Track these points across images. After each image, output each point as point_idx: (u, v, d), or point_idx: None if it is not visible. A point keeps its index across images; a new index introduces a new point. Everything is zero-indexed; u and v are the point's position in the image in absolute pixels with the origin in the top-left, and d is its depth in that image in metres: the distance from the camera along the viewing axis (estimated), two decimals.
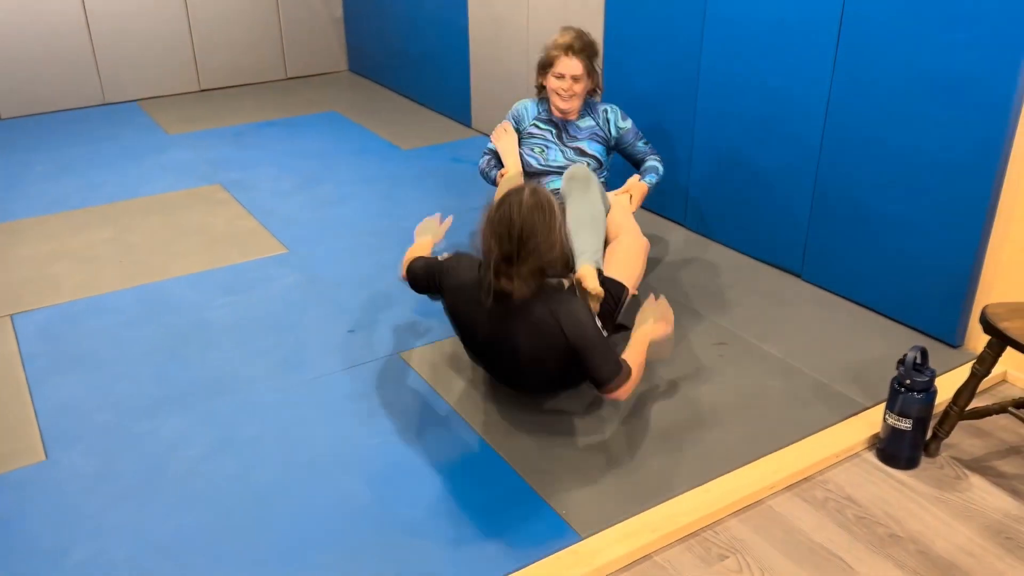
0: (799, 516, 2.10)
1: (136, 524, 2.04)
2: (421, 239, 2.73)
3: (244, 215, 3.82)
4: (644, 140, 3.16)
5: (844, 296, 3.05)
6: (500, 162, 3.15)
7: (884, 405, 2.29)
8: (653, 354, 2.45)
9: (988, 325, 2.16)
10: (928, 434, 2.29)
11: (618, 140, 3.12)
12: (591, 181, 2.75)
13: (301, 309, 3.01)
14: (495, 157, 3.18)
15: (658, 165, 3.11)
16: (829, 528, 2.07)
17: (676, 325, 2.85)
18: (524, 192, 2.19)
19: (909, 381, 2.19)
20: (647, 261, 2.87)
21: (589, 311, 2.29)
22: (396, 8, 5.49)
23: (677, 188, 3.53)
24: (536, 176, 3.07)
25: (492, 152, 3.19)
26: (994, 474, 2.26)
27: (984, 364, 2.20)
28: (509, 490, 2.14)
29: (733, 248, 3.44)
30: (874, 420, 2.39)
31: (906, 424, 2.21)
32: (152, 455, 2.28)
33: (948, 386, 2.40)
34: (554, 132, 3.08)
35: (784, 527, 2.07)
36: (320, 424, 2.40)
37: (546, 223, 2.17)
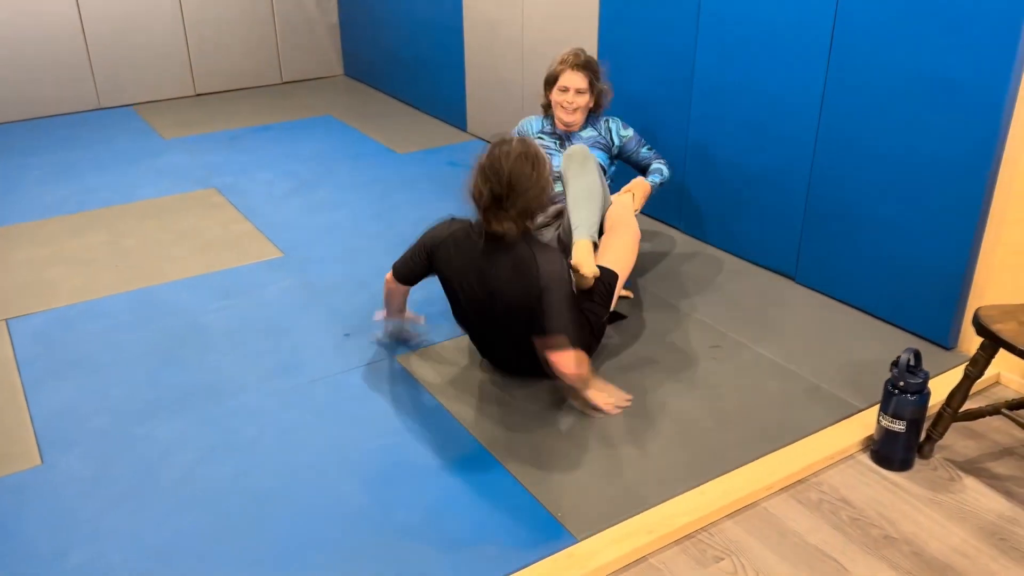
0: (794, 518, 2.11)
1: (133, 528, 2.04)
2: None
3: (240, 219, 3.83)
4: (647, 147, 3.27)
5: (838, 299, 3.06)
6: None
7: (878, 407, 2.30)
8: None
9: (981, 327, 2.17)
10: (922, 436, 2.30)
11: (621, 149, 3.23)
12: (588, 158, 2.80)
13: (297, 313, 3.02)
14: None
15: (663, 167, 3.21)
16: (824, 530, 2.07)
17: (670, 327, 2.88)
18: (513, 142, 2.34)
19: (903, 383, 2.20)
20: (639, 257, 2.95)
21: (569, 276, 2.39)
22: (391, 13, 5.51)
23: (671, 191, 3.54)
24: None
25: None
26: (988, 476, 2.27)
27: (977, 366, 2.21)
28: (505, 493, 2.14)
29: (727, 251, 3.45)
30: (868, 422, 2.40)
31: (900, 426, 2.22)
32: (148, 459, 2.28)
33: (942, 388, 2.42)
34: (557, 143, 3.17)
35: (779, 529, 2.08)
36: (316, 428, 2.40)
37: (533, 169, 2.31)
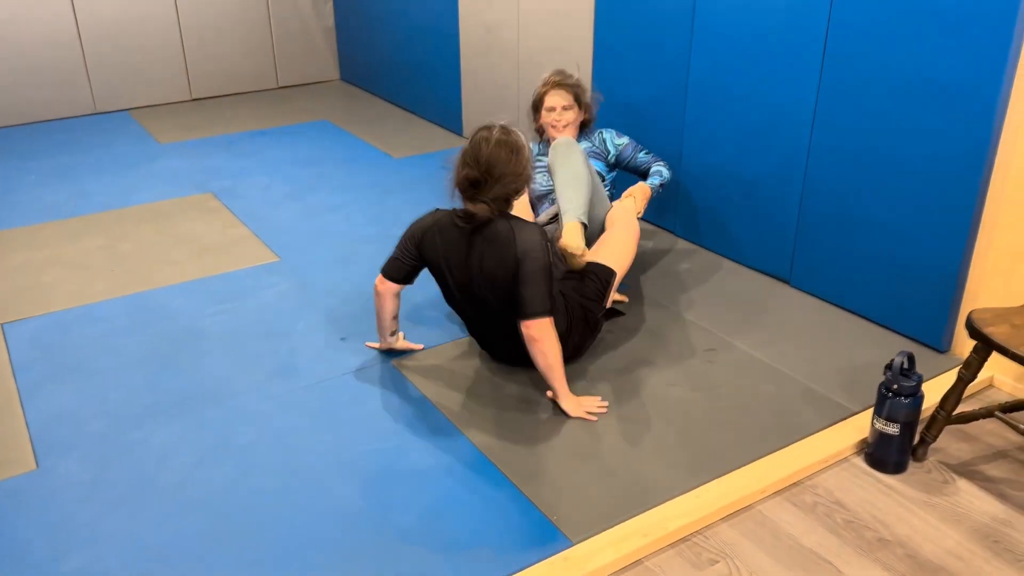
0: (788, 521, 2.12)
1: (130, 532, 2.04)
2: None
3: (236, 223, 3.83)
4: (645, 151, 3.32)
5: (832, 302, 3.07)
6: None
7: (872, 410, 2.31)
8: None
9: (973, 330, 2.18)
10: (916, 439, 2.31)
11: (618, 157, 3.28)
12: (572, 147, 2.85)
13: (293, 317, 3.02)
14: None
15: (662, 169, 3.25)
16: (818, 532, 2.08)
17: (665, 331, 2.89)
18: (494, 129, 2.41)
19: (896, 386, 2.21)
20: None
21: (547, 247, 2.41)
22: (388, 17, 5.52)
23: (667, 194, 3.55)
24: (542, 198, 3.21)
25: None
26: (982, 478, 2.28)
27: (970, 369, 2.23)
28: (501, 496, 2.15)
29: (722, 254, 3.47)
30: (862, 425, 2.41)
31: (894, 429, 2.23)
32: (145, 463, 2.28)
33: (935, 391, 2.42)
34: None
35: (773, 532, 2.09)
36: (313, 431, 2.41)
37: (511, 156, 2.37)
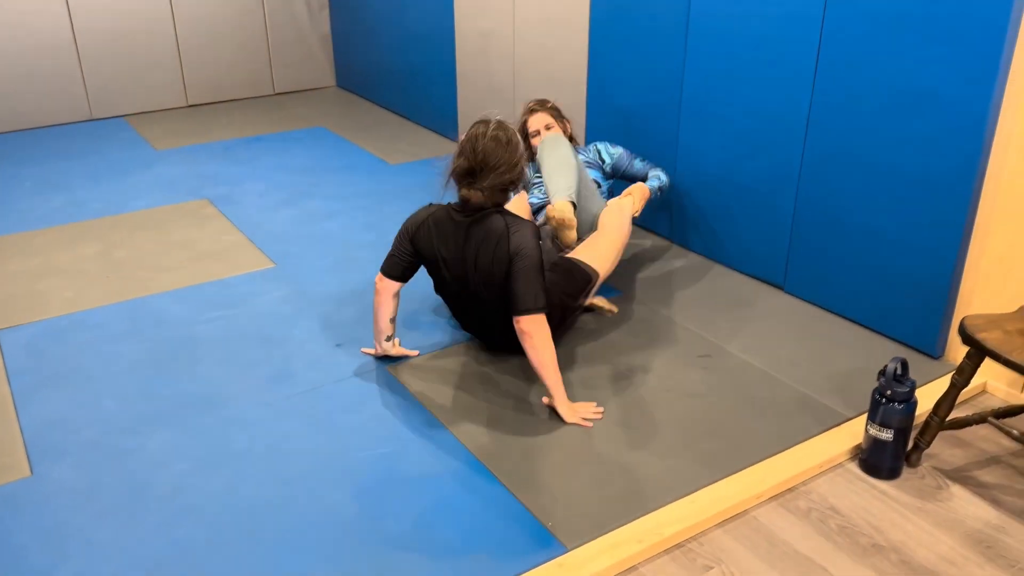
0: (783, 526, 2.12)
1: (124, 540, 2.04)
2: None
3: (231, 230, 3.83)
4: (640, 159, 3.41)
5: (826, 308, 3.08)
6: None
7: (866, 416, 2.31)
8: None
9: (966, 336, 2.19)
10: (909, 444, 2.32)
11: (614, 167, 3.41)
12: (559, 140, 2.99)
13: (288, 323, 3.02)
14: None
15: (660, 174, 3.36)
16: (813, 538, 2.09)
17: (660, 337, 2.90)
18: (491, 123, 2.50)
19: (890, 392, 2.21)
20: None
21: (540, 246, 2.50)
22: (383, 24, 5.53)
23: (661, 201, 3.56)
24: (539, 211, 3.30)
25: None
26: (975, 484, 2.28)
27: (963, 375, 2.23)
28: (495, 502, 2.15)
29: (716, 260, 3.47)
30: (856, 431, 2.41)
31: (887, 435, 2.23)
32: (139, 470, 2.28)
33: (929, 397, 2.43)
34: None
35: (768, 537, 2.09)
36: (308, 437, 2.41)
37: (505, 149, 2.48)
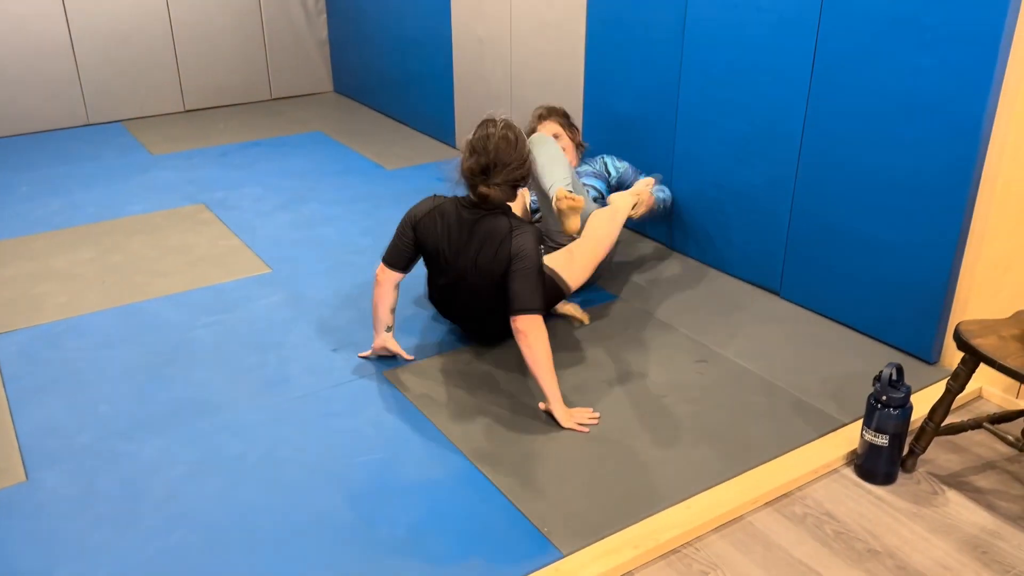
0: (778, 532, 2.12)
1: (119, 545, 2.03)
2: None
3: (228, 235, 3.83)
4: (644, 175, 3.48)
5: (822, 314, 3.09)
6: None
7: (862, 421, 2.32)
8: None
9: (961, 342, 2.19)
10: (905, 450, 2.32)
11: (619, 180, 3.50)
12: (546, 139, 3.07)
13: (285, 328, 3.02)
14: None
15: (666, 188, 3.44)
16: (808, 544, 2.09)
17: (656, 342, 2.90)
18: (499, 123, 2.64)
19: (885, 397, 2.22)
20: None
21: (540, 251, 2.61)
22: (381, 30, 5.54)
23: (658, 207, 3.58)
24: (536, 211, 3.40)
25: None
26: (970, 489, 2.29)
27: (958, 380, 2.24)
28: (491, 508, 2.15)
29: (712, 266, 3.48)
30: (852, 436, 2.42)
31: (883, 440, 2.24)
32: (134, 475, 2.27)
33: (924, 402, 2.44)
34: None
35: (764, 543, 2.09)
36: (303, 443, 2.40)
37: (514, 147, 2.62)
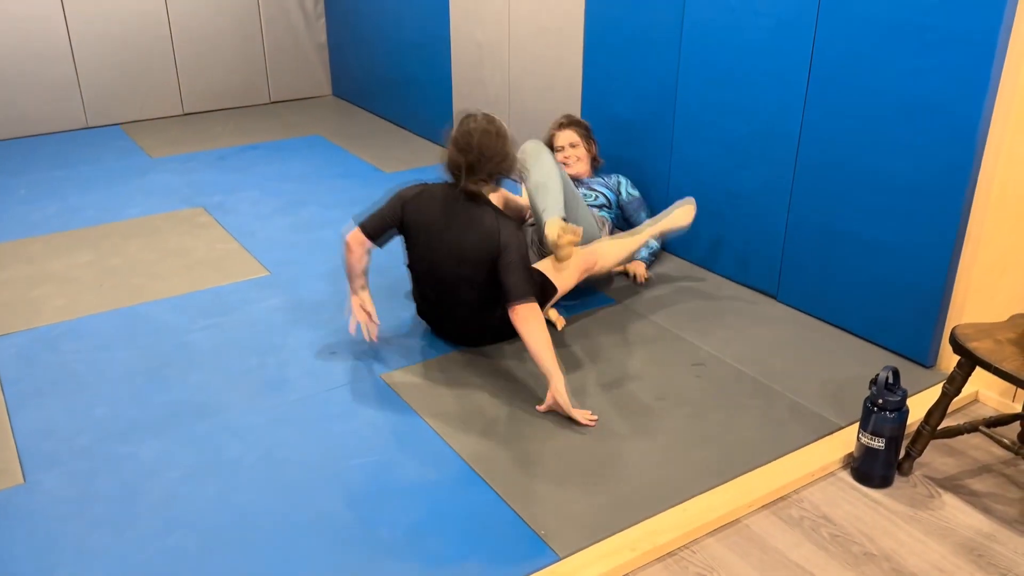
0: (775, 535, 2.13)
1: (116, 548, 2.04)
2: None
3: (226, 238, 3.84)
4: (648, 214, 3.55)
5: (819, 317, 3.09)
6: None
7: (858, 425, 2.32)
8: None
9: (957, 345, 2.20)
10: (901, 453, 2.33)
11: (626, 204, 3.57)
12: (541, 150, 3.02)
13: (283, 331, 3.02)
14: None
15: (652, 242, 3.45)
16: (805, 546, 2.09)
17: (653, 345, 2.90)
18: (480, 117, 2.69)
19: (881, 401, 2.22)
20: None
21: (524, 241, 2.67)
22: (380, 34, 5.55)
23: (655, 210, 3.58)
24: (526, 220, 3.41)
25: None
26: (967, 492, 2.29)
27: (954, 384, 2.24)
28: (488, 510, 2.15)
29: (710, 269, 3.49)
30: (848, 439, 2.42)
31: (879, 443, 2.24)
32: (132, 478, 2.28)
33: (921, 405, 2.44)
34: None
35: (760, 546, 2.09)
36: (301, 446, 2.41)
37: (497, 140, 2.66)
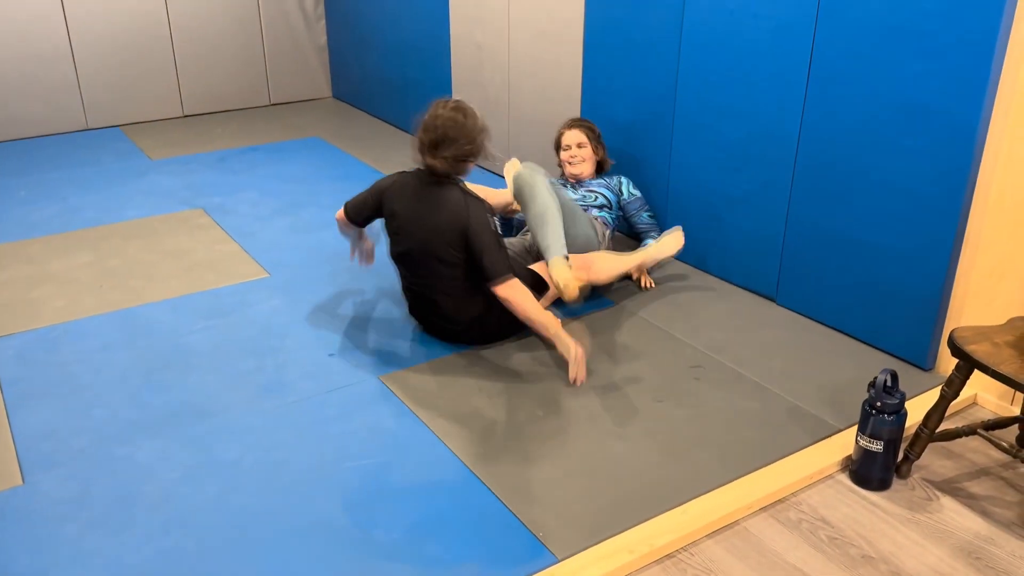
0: (773, 537, 2.13)
1: (114, 549, 2.04)
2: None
3: (225, 239, 3.84)
4: (650, 213, 3.54)
5: (817, 320, 3.09)
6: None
7: (856, 427, 2.32)
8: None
9: (955, 348, 2.20)
10: (899, 456, 2.33)
11: (627, 204, 3.52)
12: (535, 178, 2.95)
13: (281, 333, 3.02)
14: None
15: (651, 243, 3.41)
16: (803, 549, 2.09)
17: (652, 348, 2.90)
18: (449, 101, 2.73)
19: (880, 403, 2.22)
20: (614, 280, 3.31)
21: (492, 221, 2.71)
22: (379, 36, 5.55)
23: (654, 212, 3.58)
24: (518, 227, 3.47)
25: None
26: (965, 495, 2.29)
27: (952, 387, 2.24)
28: (487, 512, 2.15)
29: (709, 272, 3.49)
30: (847, 442, 2.42)
31: (877, 446, 2.24)
32: (130, 479, 2.28)
33: (919, 408, 2.44)
34: (568, 186, 3.54)
35: (758, 548, 2.09)
36: (299, 448, 2.41)
37: (463, 123, 2.69)
